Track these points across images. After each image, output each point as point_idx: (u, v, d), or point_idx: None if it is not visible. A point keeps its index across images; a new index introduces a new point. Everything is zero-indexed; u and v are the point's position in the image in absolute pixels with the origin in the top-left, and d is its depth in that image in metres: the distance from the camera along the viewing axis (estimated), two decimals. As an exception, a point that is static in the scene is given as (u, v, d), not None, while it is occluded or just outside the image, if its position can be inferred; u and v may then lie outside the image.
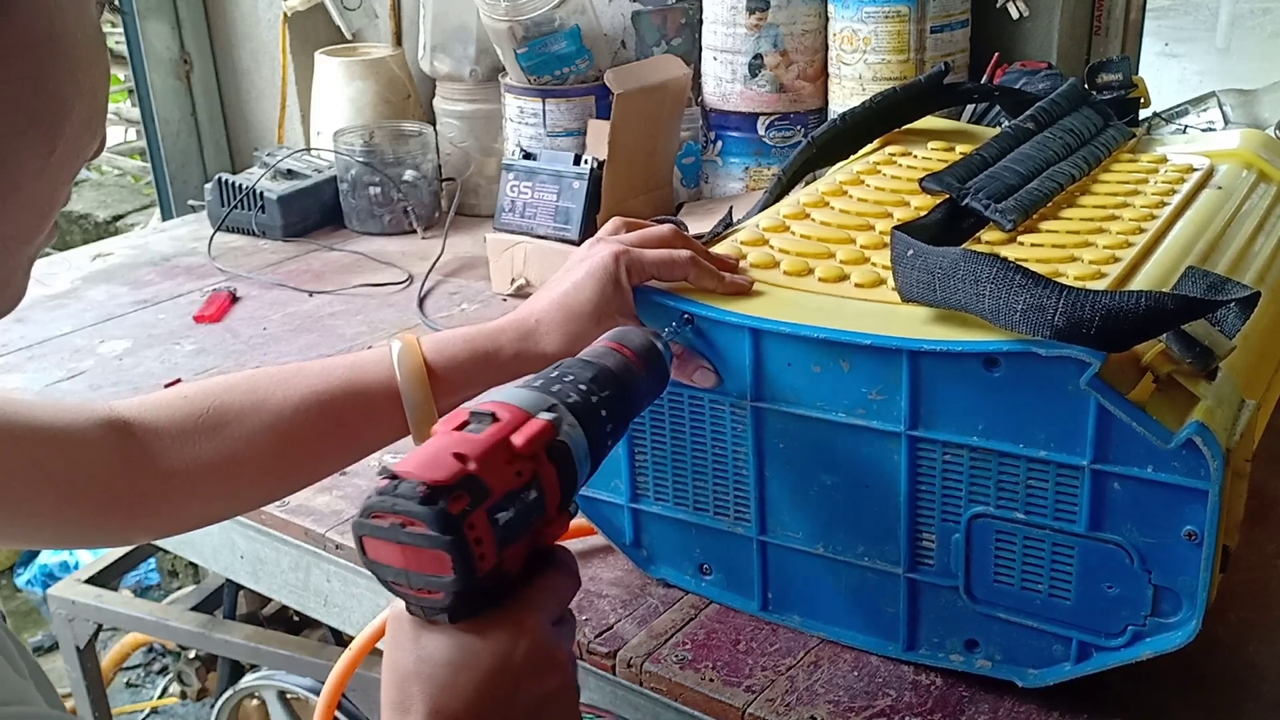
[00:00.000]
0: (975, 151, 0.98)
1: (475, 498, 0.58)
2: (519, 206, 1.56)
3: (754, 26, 1.60)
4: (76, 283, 1.69)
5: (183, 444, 0.80)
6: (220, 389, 0.82)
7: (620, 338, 0.76)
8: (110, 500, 0.78)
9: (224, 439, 0.80)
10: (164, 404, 0.81)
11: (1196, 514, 0.71)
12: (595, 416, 0.68)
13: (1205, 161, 1.07)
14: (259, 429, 0.81)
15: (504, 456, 0.60)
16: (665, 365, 0.79)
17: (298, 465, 0.84)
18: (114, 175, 3.76)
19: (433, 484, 0.57)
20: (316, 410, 0.82)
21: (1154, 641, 0.76)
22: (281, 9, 2.07)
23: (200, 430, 0.80)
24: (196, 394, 0.82)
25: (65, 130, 0.51)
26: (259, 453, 0.81)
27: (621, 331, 0.77)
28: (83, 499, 0.78)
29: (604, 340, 0.76)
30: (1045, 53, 1.59)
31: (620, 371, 0.73)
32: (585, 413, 0.67)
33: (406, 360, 0.82)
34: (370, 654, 0.97)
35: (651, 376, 0.77)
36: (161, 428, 0.80)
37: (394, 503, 0.57)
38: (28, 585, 2.96)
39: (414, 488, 0.57)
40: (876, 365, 0.78)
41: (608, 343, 0.76)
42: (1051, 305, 0.70)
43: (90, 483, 0.77)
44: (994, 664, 0.82)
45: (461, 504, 0.57)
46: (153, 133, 2.20)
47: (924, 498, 0.80)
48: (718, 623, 0.91)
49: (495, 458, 0.60)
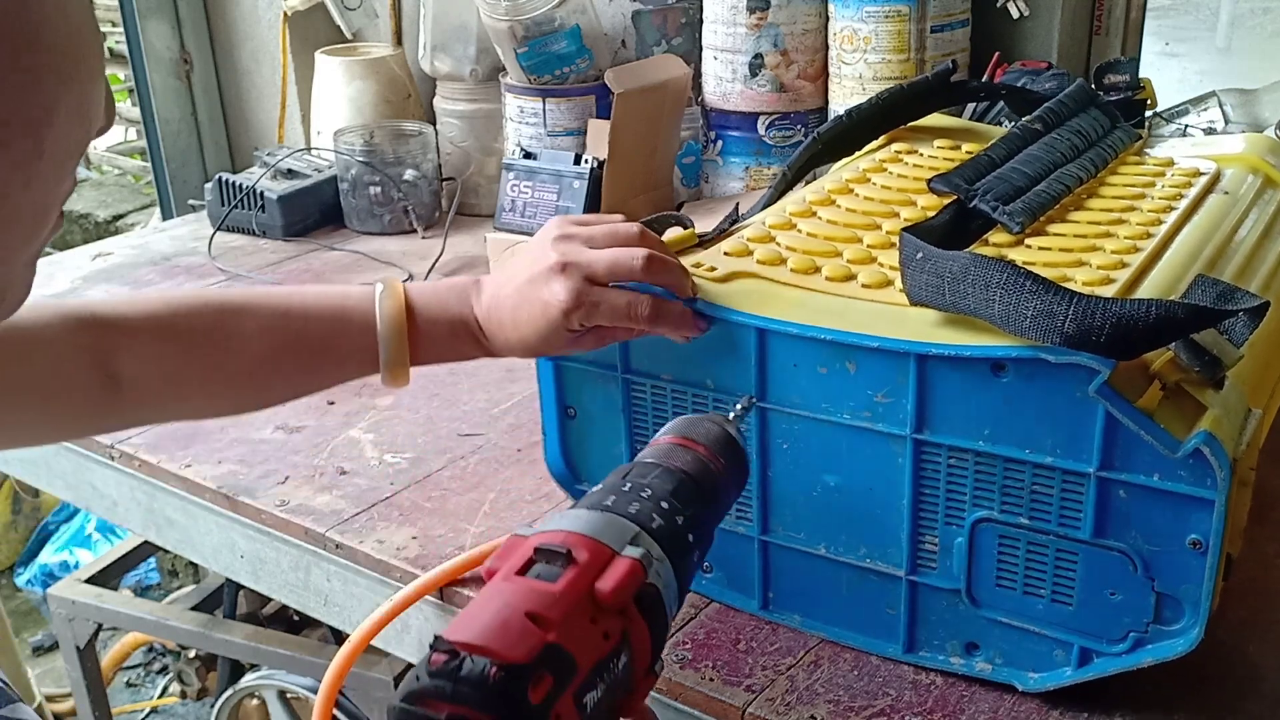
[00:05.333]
0: (983, 152, 0.98)
1: (560, 678, 0.46)
2: (519, 206, 1.56)
3: (754, 26, 1.60)
4: (77, 282, 1.68)
5: (155, 343, 0.81)
6: (203, 301, 0.85)
7: (690, 431, 0.65)
8: (85, 395, 0.80)
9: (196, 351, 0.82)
10: (143, 303, 0.83)
11: (1202, 523, 0.71)
12: (683, 543, 0.57)
13: (1211, 165, 1.07)
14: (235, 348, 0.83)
15: (588, 614, 0.49)
16: (746, 458, 0.68)
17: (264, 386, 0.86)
18: (114, 175, 3.77)
19: (508, 664, 0.45)
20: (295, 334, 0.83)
21: (1156, 649, 0.76)
22: (282, 9, 2.06)
23: (174, 336, 0.82)
24: (178, 301, 0.84)
25: (54, 127, 0.47)
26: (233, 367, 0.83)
27: (690, 422, 0.67)
28: (62, 399, 0.80)
29: (672, 436, 0.66)
30: (1045, 52, 1.59)
31: (701, 477, 0.62)
32: (672, 540, 0.56)
33: (388, 308, 0.82)
34: (367, 651, 0.97)
35: (732, 475, 0.66)
36: (137, 325, 0.81)
37: (456, 689, 0.44)
38: (28, 585, 2.96)
39: (483, 669, 0.44)
40: (883, 368, 0.78)
41: (678, 439, 0.65)
42: (1062, 312, 0.69)
43: (68, 383, 0.79)
44: (994, 667, 0.82)
45: (544, 688, 0.45)
46: (153, 132, 2.20)
47: (927, 501, 0.80)
48: (718, 622, 0.91)
49: (579, 618, 0.48)
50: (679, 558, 0.56)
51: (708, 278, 0.86)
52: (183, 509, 1.18)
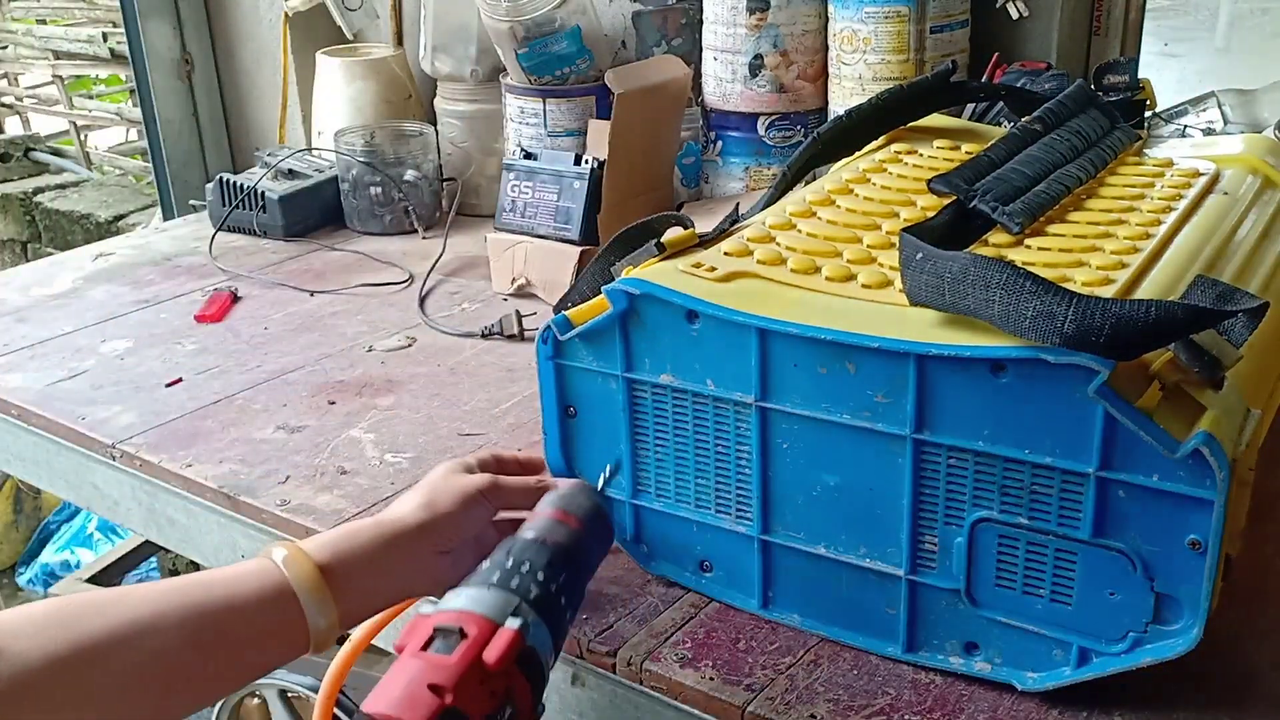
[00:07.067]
0: (983, 153, 0.98)
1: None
2: (520, 206, 1.56)
3: (754, 26, 1.60)
4: (78, 282, 1.69)
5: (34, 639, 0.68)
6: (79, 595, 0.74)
7: (564, 504, 0.76)
8: None
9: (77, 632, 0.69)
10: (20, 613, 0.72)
11: (1201, 523, 0.71)
12: (556, 606, 0.67)
13: (1211, 166, 1.07)
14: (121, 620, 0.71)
15: (477, 678, 0.59)
16: (611, 526, 0.79)
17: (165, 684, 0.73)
18: (115, 175, 3.77)
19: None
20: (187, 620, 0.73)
21: (1155, 649, 0.76)
22: (283, 9, 2.07)
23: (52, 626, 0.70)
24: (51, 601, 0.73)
25: None
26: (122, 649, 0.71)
27: (564, 496, 0.77)
28: None
29: (549, 509, 0.75)
30: (1045, 53, 1.59)
31: (572, 546, 0.72)
32: (547, 606, 0.66)
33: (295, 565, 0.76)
34: (368, 650, 0.97)
35: (599, 541, 0.78)
36: (14, 627, 0.69)
37: None
38: (29, 584, 2.96)
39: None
40: (883, 368, 0.78)
41: (553, 512, 0.75)
42: (1062, 312, 0.69)
43: None
44: (994, 667, 0.82)
45: None
46: (154, 133, 2.21)
47: (927, 501, 0.80)
48: (718, 621, 0.91)
49: (469, 682, 0.59)
50: (554, 619, 0.66)
51: (708, 277, 0.87)
52: (184, 508, 1.18)
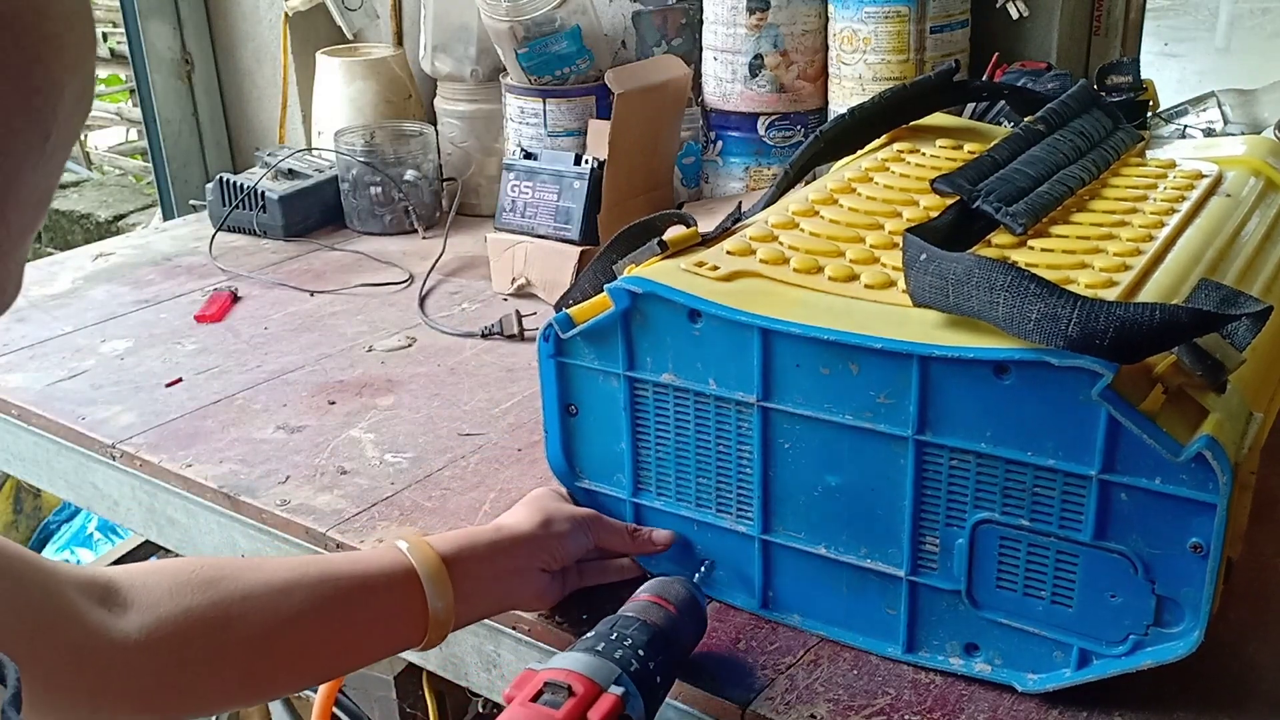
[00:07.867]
0: (986, 153, 0.98)
1: None
2: (520, 206, 1.56)
3: (754, 26, 1.60)
4: (78, 282, 1.69)
5: (172, 595, 0.73)
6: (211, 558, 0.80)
7: (663, 592, 0.80)
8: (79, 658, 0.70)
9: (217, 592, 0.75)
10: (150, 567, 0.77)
11: (1203, 526, 0.71)
12: (652, 683, 0.72)
13: (1213, 168, 1.07)
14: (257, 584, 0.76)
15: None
16: (705, 615, 0.83)
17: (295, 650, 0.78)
18: (115, 175, 3.77)
19: None
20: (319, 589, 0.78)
21: (1155, 651, 0.76)
22: (283, 9, 2.06)
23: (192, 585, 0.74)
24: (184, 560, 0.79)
25: (59, 113, 0.47)
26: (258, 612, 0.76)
27: (663, 584, 0.82)
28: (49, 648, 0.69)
29: (648, 594, 0.80)
30: (1045, 53, 1.59)
31: (669, 630, 0.77)
32: (645, 681, 0.71)
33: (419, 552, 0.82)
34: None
35: (694, 629, 0.82)
36: (149, 581, 0.74)
37: None
38: (26, 583, 2.95)
39: None
40: (886, 369, 0.78)
41: (652, 597, 0.80)
42: (1066, 315, 0.69)
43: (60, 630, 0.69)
44: (994, 668, 0.82)
45: None
46: (154, 133, 2.20)
47: (929, 502, 0.80)
48: (718, 621, 0.91)
49: None
50: (650, 694, 0.71)
51: (710, 277, 0.87)
52: (184, 508, 1.18)
